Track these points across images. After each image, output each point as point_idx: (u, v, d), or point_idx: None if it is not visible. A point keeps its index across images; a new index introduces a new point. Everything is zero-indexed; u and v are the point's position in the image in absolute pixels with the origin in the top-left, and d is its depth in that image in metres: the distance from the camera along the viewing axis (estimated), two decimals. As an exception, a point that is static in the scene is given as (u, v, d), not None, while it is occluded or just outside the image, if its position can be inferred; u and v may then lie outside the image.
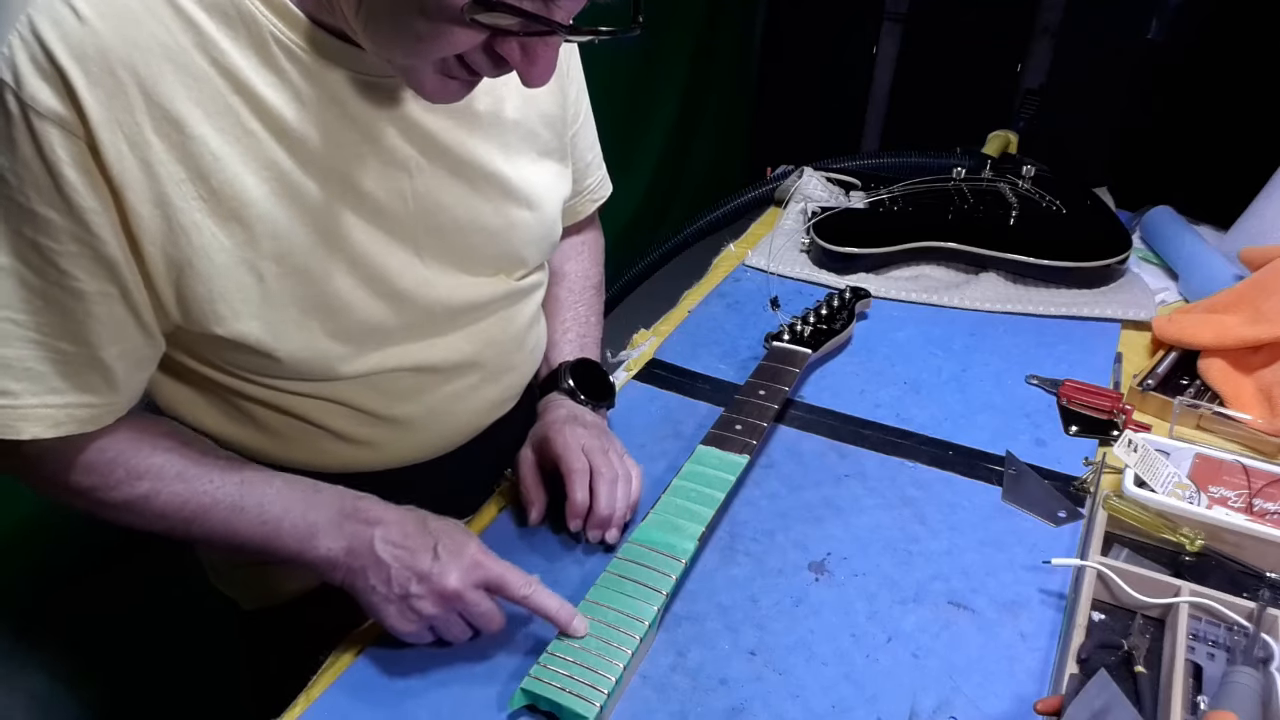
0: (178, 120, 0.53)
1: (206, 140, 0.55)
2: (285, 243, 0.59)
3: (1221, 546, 0.72)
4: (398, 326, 0.68)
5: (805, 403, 0.93)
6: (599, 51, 0.74)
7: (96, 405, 0.59)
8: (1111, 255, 1.11)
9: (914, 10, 2.77)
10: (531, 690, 0.59)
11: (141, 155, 0.53)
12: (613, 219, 0.99)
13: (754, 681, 0.63)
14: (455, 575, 0.61)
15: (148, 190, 0.54)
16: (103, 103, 0.51)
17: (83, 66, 0.50)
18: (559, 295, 0.91)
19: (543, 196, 0.75)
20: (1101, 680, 0.57)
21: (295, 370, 0.64)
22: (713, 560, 0.73)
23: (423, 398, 0.72)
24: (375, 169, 0.62)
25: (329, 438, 0.71)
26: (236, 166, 0.56)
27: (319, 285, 0.62)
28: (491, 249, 0.72)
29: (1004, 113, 2.61)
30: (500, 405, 0.80)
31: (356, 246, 0.63)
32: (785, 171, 1.39)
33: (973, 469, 0.84)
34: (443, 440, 0.77)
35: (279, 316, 0.61)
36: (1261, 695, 0.57)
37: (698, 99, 2.82)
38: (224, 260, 0.57)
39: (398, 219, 0.65)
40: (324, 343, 0.64)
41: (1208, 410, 0.89)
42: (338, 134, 0.60)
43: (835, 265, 1.18)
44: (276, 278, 0.60)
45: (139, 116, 0.52)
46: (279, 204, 0.58)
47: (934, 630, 0.67)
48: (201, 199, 0.56)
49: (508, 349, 0.78)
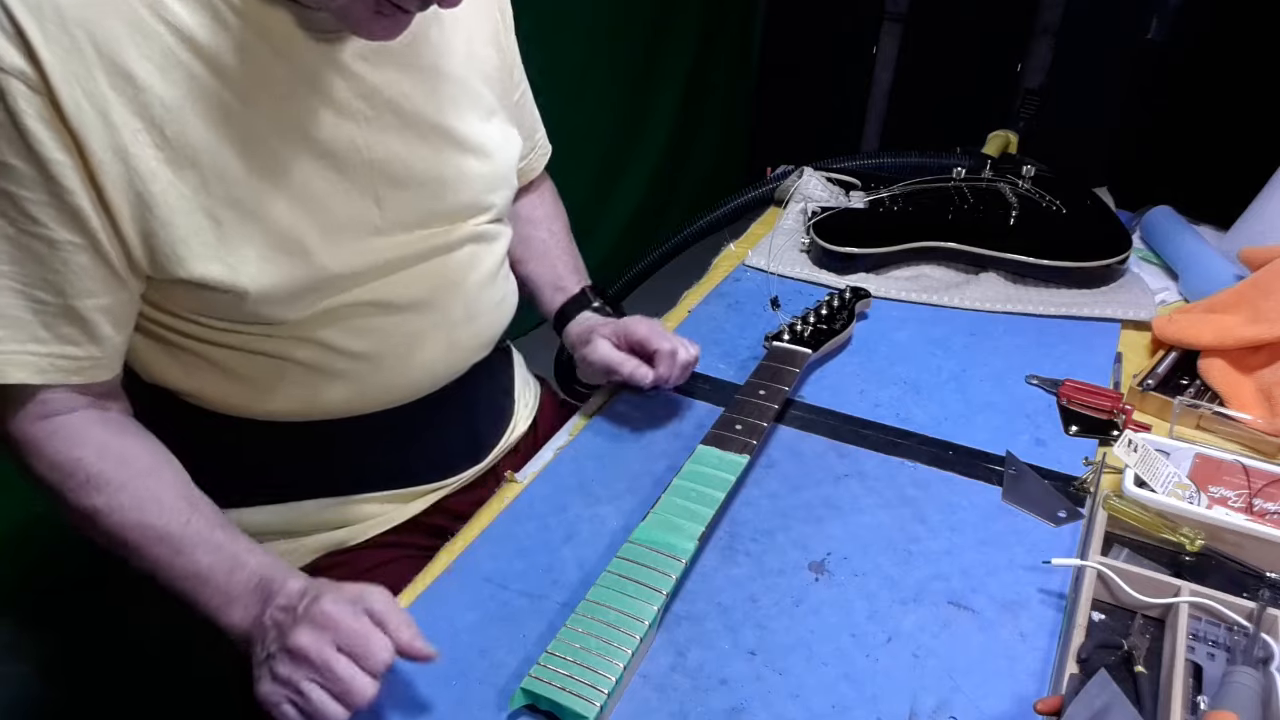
0: (129, 74, 0.57)
1: (157, 91, 0.58)
2: (240, 188, 0.63)
3: (1221, 546, 0.72)
4: (357, 269, 0.71)
5: (805, 403, 0.93)
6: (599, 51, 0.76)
7: (79, 358, 0.63)
8: (1111, 255, 1.11)
9: (914, 10, 2.77)
10: (531, 690, 0.59)
11: (99, 107, 0.57)
12: (613, 219, 1.00)
13: (754, 681, 0.63)
14: (306, 632, 0.56)
15: (107, 140, 0.57)
16: (60, 58, 0.55)
17: (40, 25, 0.54)
18: (541, 238, 0.99)
19: (492, 149, 0.80)
20: (1101, 680, 0.57)
21: (259, 309, 0.66)
22: (713, 560, 0.73)
23: (386, 335, 0.75)
24: (326, 118, 0.66)
25: (300, 379, 0.73)
26: (189, 116, 0.60)
27: (276, 228, 0.65)
28: (449, 198, 0.76)
29: (1004, 113, 2.61)
30: (466, 352, 0.83)
31: (314, 192, 0.66)
32: (785, 171, 1.39)
33: (973, 469, 0.84)
34: (404, 384, 0.78)
35: (237, 257, 0.64)
36: (1261, 695, 0.57)
37: (698, 99, 2.82)
38: (182, 205, 0.61)
39: (354, 167, 0.68)
40: (284, 282, 0.66)
41: (1208, 410, 0.89)
42: (287, 85, 0.63)
43: (835, 265, 1.18)
44: (233, 221, 0.63)
45: (94, 71, 0.56)
46: (233, 151, 0.62)
47: (934, 630, 0.67)
48: (157, 147, 0.59)
49: (468, 294, 0.80)
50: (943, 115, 2.68)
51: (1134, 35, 2.39)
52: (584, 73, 2.22)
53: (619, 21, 2.33)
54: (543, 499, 0.79)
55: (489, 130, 0.80)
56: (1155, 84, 2.37)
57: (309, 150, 0.66)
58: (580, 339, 0.91)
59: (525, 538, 0.75)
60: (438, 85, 0.74)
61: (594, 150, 2.35)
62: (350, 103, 0.67)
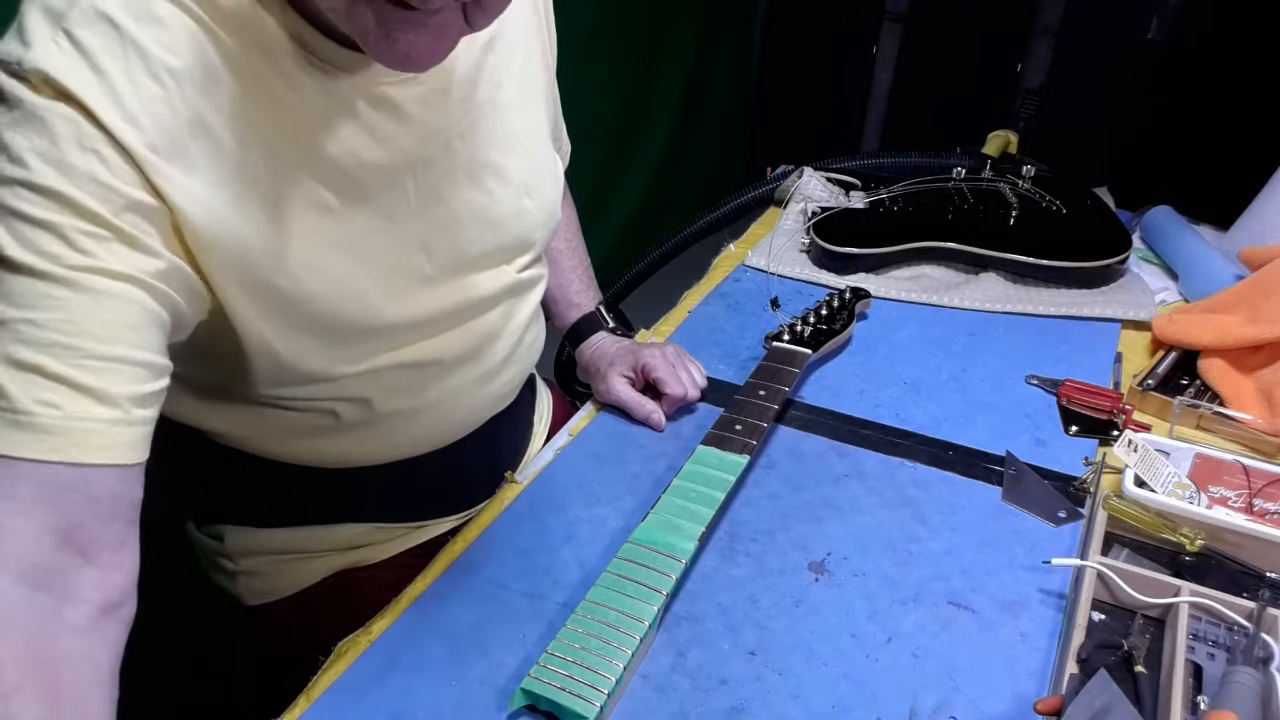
0: (205, 122, 0.53)
1: (230, 143, 0.54)
2: (301, 246, 0.59)
3: (1221, 546, 0.72)
4: (406, 320, 0.68)
5: (805, 403, 0.93)
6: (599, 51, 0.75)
7: None
8: (1111, 255, 1.11)
9: (914, 10, 2.77)
10: (531, 690, 0.59)
11: (181, 160, 0.52)
12: (613, 219, 1.00)
13: (754, 681, 0.63)
14: None
15: (189, 185, 0.52)
16: (145, 103, 0.50)
17: (127, 70, 0.49)
18: (557, 248, 0.96)
19: (543, 181, 0.76)
20: (1101, 680, 0.57)
21: (307, 371, 0.64)
22: (713, 560, 0.73)
23: (424, 392, 0.72)
24: (381, 169, 0.62)
25: (326, 432, 0.71)
26: (254, 171, 0.55)
27: (340, 283, 0.62)
28: (494, 240, 0.72)
29: (1004, 113, 2.61)
30: (500, 399, 0.81)
31: (366, 245, 0.63)
32: (785, 171, 1.39)
33: (973, 469, 0.84)
34: (442, 434, 0.77)
35: (280, 323, 0.60)
36: (1261, 695, 0.57)
37: (698, 99, 2.82)
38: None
39: (403, 216, 0.65)
40: (338, 342, 0.64)
41: (1208, 410, 0.89)
42: (346, 139, 0.59)
43: (835, 265, 1.18)
44: (300, 279, 0.59)
45: (180, 120, 0.52)
46: (293, 208, 0.58)
47: (934, 630, 0.67)
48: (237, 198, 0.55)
49: (508, 343, 0.78)
50: (943, 115, 2.68)
51: (1134, 35, 2.39)
52: (584, 72, 2.22)
53: (619, 21, 2.33)
54: (543, 499, 0.79)
55: (538, 164, 0.76)
56: (1155, 84, 2.37)
57: (359, 198, 0.62)
58: (593, 365, 0.93)
59: (525, 538, 0.75)
60: (493, 120, 0.69)
61: (594, 150, 2.35)
62: (408, 149, 0.63)
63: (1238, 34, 2.21)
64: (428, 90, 0.63)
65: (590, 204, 2.37)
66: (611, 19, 2.29)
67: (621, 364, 0.91)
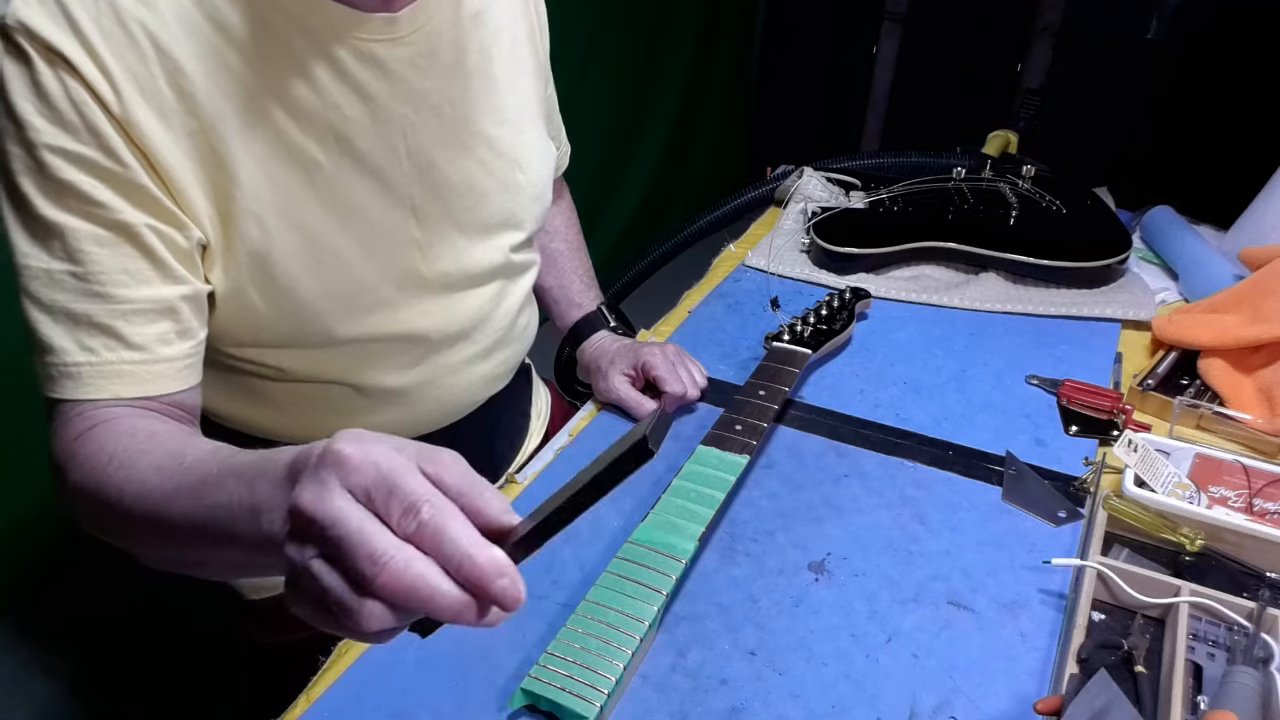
0: (183, 70, 0.56)
1: (203, 89, 0.57)
2: (279, 199, 0.61)
3: (1221, 546, 0.72)
4: (391, 286, 0.69)
5: (805, 403, 0.93)
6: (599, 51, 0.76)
7: (133, 361, 0.59)
8: (1111, 255, 1.11)
9: (914, 10, 2.78)
10: (531, 690, 0.59)
11: (156, 104, 0.55)
12: (613, 219, 1.00)
13: (754, 681, 0.63)
14: (310, 488, 0.39)
15: (168, 136, 0.56)
16: (117, 54, 0.53)
17: (97, 21, 0.52)
18: (558, 249, 0.98)
19: (532, 160, 0.78)
20: (1101, 680, 0.57)
21: (292, 329, 0.65)
22: (713, 560, 0.73)
23: (417, 368, 0.74)
24: (369, 127, 0.64)
25: (325, 408, 0.72)
26: (228, 116, 0.58)
27: (315, 240, 0.64)
28: (485, 210, 0.74)
29: (1004, 113, 2.61)
30: (493, 381, 0.82)
31: (354, 203, 0.65)
32: (785, 171, 1.39)
33: (973, 469, 0.84)
34: (436, 414, 0.78)
35: (255, 276, 0.62)
36: (1261, 695, 0.57)
37: (698, 99, 2.82)
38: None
39: (394, 177, 0.67)
40: (319, 300, 0.65)
41: (1208, 410, 0.89)
42: (332, 94, 0.62)
43: (835, 265, 1.18)
44: (276, 232, 0.62)
45: (152, 68, 0.55)
46: (273, 156, 0.60)
47: (934, 630, 0.67)
48: (212, 145, 0.58)
49: (500, 324, 0.79)
50: (943, 115, 2.68)
51: (1134, 35, 2.39)
52: (584, 72, 2.22)
53: (619, 21, 2.33)
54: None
55: (529, 140, 0.78)
56: (1155, 84, 2.37)
57: (349, 157, 0.64)
58: (593, 364, 0.94)
59: (525, 538, 0.75)
60: (483, 91, 0.72)
61: (594, 150, 2.35)
62: (394, 108, 0.65)
63: (1237, 34, 2.21)
64: (415, 53, 0.65)
65: (590, 204, 2.37)
66: (612, 19, 2.30)
67: (622, 362, 0.91)
